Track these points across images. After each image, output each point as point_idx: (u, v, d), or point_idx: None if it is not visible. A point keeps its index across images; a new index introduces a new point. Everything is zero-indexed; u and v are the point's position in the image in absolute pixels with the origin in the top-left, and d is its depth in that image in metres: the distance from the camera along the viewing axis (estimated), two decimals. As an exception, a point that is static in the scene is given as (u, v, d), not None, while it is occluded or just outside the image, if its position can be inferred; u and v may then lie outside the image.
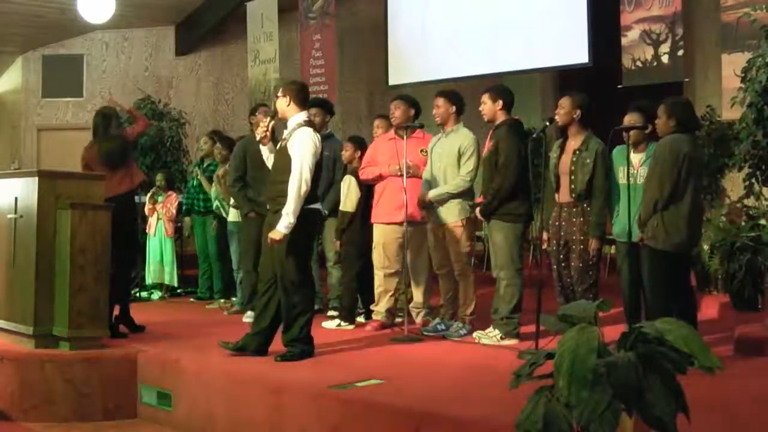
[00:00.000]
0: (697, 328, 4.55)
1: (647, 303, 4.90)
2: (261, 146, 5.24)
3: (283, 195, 4.91)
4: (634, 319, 4.75)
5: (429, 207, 5.86)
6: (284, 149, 5.03)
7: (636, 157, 5.10)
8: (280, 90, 5.19)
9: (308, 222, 4.97)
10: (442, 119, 5.90)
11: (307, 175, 4.91)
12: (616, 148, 5.19)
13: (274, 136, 5.26)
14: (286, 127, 5.15)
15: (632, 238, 4.96)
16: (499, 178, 5.50)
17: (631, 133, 5.05)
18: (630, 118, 5.10)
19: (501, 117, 5.64)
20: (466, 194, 5.80)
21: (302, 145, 4.94)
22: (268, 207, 5.22)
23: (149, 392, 5.12)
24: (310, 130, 5.05)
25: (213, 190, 7.70)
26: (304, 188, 4.89)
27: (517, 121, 5.70)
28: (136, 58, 12.76)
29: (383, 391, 4.16)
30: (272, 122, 5.18)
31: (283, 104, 5.11)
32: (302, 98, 5.15)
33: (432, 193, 5.81)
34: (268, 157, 5.23)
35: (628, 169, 5.03)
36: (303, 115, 5.12)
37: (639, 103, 5.20)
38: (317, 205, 5.12)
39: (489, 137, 5.70)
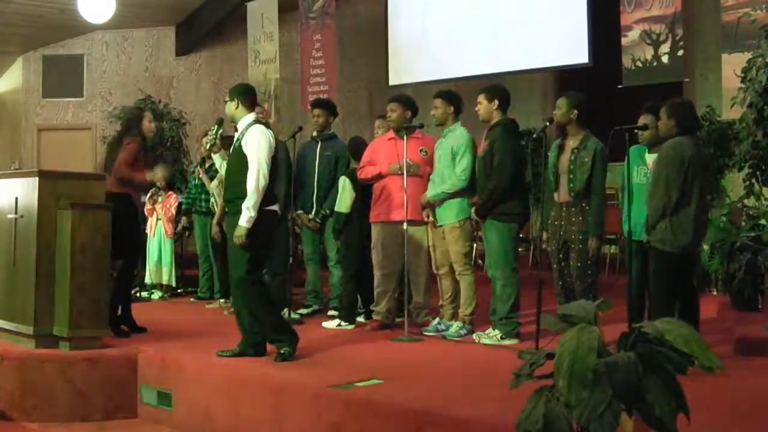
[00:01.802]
0: (699, 328, 4.56)
1: (651, 302, 4.90)
2: (212, 155, 5.28)
3: (242, 196, 4.92)
4: (637, 318, 4.75)
5: (431, 209, 5.86)
6: (238, 149, 5.05)
7: (650, 158, 5.10)
8: (228, 94, 5.21)
9: (263, 222, 4.95)
10: (440, 120, 5.90)
11: (264, 169, 4.92)
12: (632, 147, 5.21)
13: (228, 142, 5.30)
14: (236, 130, 5.17)
15: (638, 236, 4.96)
16: (494, 178, 5.49)
17: (645, 133, 5.06)
18: (644, 119, 5.12)
19: (496, 117, 5.64)
20: (466, 193, 5.79)
21: (257, 141, 4.97)
22: (226, 210, 5.19)
23: (149, 392, 5.12)
24: (262, 126, 5.10)
25: (212, 188, 7.68)
26: (262, 182, 4.90)
27: (512, 121, 5.69)
28: (137, 58, 12.77)
29: (383, 391, 4.16)
30: (220, 130, 5.21)
31: (232, 107, 5.14)
32: (250, 100, 5.19)
33: (430, 194, 5.81)
34: (221, 165, 5.26)
35: (628, 170, 5.03)
36: (252, 116, 5.15)
37: (651, 103, 5.20)
38: (275, 207, 5.12)
39: (484, 137, 5.70)
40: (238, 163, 5.01)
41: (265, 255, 5.28)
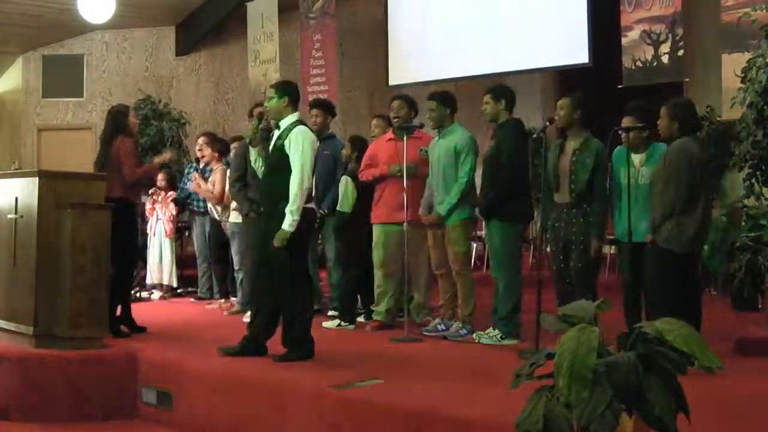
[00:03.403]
0: (700, 329, 4.55)
1: (648, 304, 4.90)
2: (250, 148, 5.24)
3: (280, 195, 4.91)
4: (633, 320, 4.75)
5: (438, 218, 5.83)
6: (281, 148, 5.02)
7: (637, 158, 5.09)
8: (275, 90, 5.16)
9: (303, 221, 4.97)
10: (437, 122, 5.89)
11: (309, 173, 4.95)
12: (617, 148, 5.19)
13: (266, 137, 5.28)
14: (277, 127, 5.14)
15: (633, 238, 4.96)
16: (500, 177, 5.49)
17: (631, 134, 5.05)
18: (627, 121, 5.10)
19: (503, 117, 5.65)
20: (467, 194, 5.79)
21: (303, 144, 4.96)
22: (261, 208, 5.18)
23: (149, 392, 5.12)
24: (306, 128, 5.09)
25: (207, 194, 7.68)
26: (306, 185, 4.92)
27: (518, 121, 5.71)
28: (136, 58, 12.77)
29: (383, 391, 4.16)
30: (260, 124, 5.19)
31: (281, 104, 5.09)
32: (297, 100, 5.19)
33: (442, 210, 5.72)
34: (256, 160, 5.23)
35: (628, 170, 5.03)
36: (296, 115, 5.13)
37: (634, 104, 5.19)
38: (311, 204, 5.14)
39: (491, 137, 5.70)
40: (279, 163, 4.99)
41: (306, 251, 5.27)
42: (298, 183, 4.88)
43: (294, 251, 4.95)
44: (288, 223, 4.87)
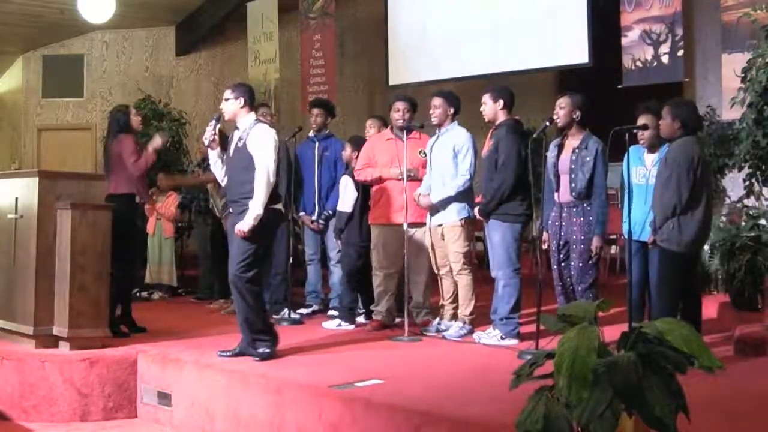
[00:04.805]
0: (700, 328, 4.56)
1: (652, 302, 4.90)
2: (209, 150, 5.22)
3: (248, 196, 4.91)
4: (637, 318, 4.75)
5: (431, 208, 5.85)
6: (242, 148, 5.02)
7: (649, 158, 5.12)
8: (231, 92, 5.15)
9: (268, 220, 4.96)
10: (440, 119, 5.90)
11: (272, 168, 4.93)
12: (631, 147, 5.20)
13: (224, 140, 5.27)
14: (236, 129, 5.14)
15: (641, 236, 4.96)
16: (498, 177, 5.50)
17: (645, 134, 5.07)
18: (644, 120, 5.12)
19: (502, 117, 5.65)
20: (467, 193, 5.79)
21: (263, 140, 4.97)
22: (230, 210, 5.16)
23: (149, 392, 5.12)
24: (266, 125, 5.10)
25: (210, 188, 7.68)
26: (270, 180, 4.92)
27: (517, 121, 5.71)
28: (136, 58, 12.78)
29: (383, 391, 4.16)
30: (218, 125, 5.18)
31: (237, 106, 5.09)
32: (253, 100, 5.20)
33: (435, 198, 5.78)
34: (216, 162, 5.21)
35: (629, 170, 5.03)
36: (253, 115, 5.15)
37: (649, 103, 5.20)
38: (279, 206, 5.12)
39: (489, 137, 5.70)
40: (243, 163, 4.99)
41: (267, 253, 5.27)
42: (263, 179, 4.89)
43: (252, 250, 4.91)
44: (252, 216, 4.86)
